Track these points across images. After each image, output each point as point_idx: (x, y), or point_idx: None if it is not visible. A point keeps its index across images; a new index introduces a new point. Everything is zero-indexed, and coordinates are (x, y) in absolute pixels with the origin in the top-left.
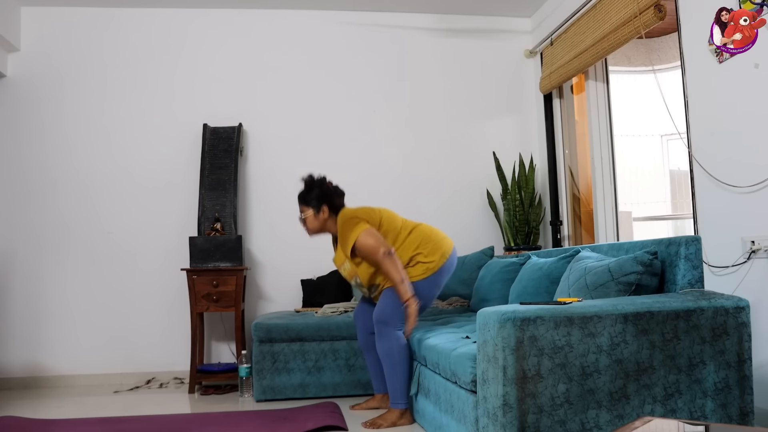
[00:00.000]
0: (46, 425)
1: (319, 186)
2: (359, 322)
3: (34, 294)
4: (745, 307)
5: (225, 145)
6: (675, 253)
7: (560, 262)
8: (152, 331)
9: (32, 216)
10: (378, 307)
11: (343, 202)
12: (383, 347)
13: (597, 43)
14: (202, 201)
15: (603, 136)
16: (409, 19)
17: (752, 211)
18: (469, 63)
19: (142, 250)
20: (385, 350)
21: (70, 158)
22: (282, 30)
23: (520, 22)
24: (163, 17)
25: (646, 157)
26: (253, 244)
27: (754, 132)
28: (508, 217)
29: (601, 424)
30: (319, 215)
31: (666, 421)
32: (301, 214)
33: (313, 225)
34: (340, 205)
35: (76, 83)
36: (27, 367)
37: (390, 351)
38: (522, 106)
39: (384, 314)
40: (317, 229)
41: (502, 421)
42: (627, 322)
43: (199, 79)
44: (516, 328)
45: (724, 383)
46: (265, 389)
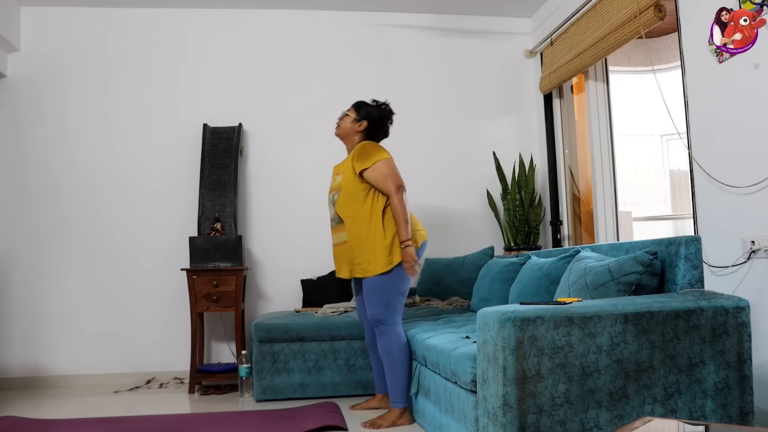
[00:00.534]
0: (46, 425)
1: (377, 109)
2: (365, 320)
3: (34, 294)
4: (745, 307)
5: (225, 145)
6: (675, 253)
7: (560, 262)
8: (152, 331)
9: (33, 216)
10: (369, 310)
11: (378, 138)
12: (383, 345)
13: (597, 43)
14: (202, 201)
15: (603, 136)
16: (409, 19)
17: (752, 211)
18: (469, 63)
19: (142, 249)
20: (386, 348)
21: (71, 158)
22: (282, 30)
23: (520, 22)
24: (164, 17)
25: (646, 157)
26: (253, 244)
27: (754, 132)
28: (508, 217)
29: (601, 424)
30: (355, 124)
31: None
32: (345, 111)
33: (345, 126)
34: (375, 135)
35: (77, 83)
36: (27, 367)
37: (390, 349)
38: (522, 106)
39: (378, 314)
40: (345, 131)
41: (502, 421)
42: (627, 322)
43: (199, 79)
44: (516, 328)
45: (724, 383)
46: (265, 389)
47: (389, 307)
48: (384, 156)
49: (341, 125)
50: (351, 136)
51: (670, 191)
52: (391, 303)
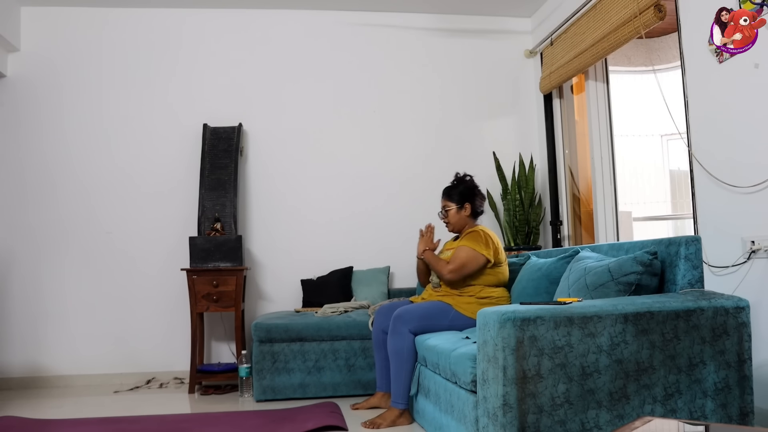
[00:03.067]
0: (46, 425)
1: (465, 184)
2: (380, 317)
3: (34, 294)
4: (745, 307)
5: (225, 145)
6: (675, 253)
7: (560, 263)
8: (152, 331)
9: (32, 216)
10: (410, 307)
11: (483, 207)
12: (394, 344)
13: (597, 43)
14: (202, 201)
15: (603, 136)
16: (409, 19)
17: (752, 211)
18: (469, 63)
19: (142, 250)
20: (397, 348)
21: (70, 158)
22: (282, 30)
23: (520, 22)
24: (164, 17)
25: (646, 157)
26: (253, 244)
27: (754, 132)
28: (508, 217)
29: (601, 424)
30: (461, 212)
31: (666, 421)
32: (443, 207)
33: (455, 219)
34: (480, 209)
35: (76, 83)
36: (27, 367)
37: (400, 350)
38: (522, 106)
39: (407, 314)
40: (458, 223)
41: (502, 421)
42: (627, 322)
43: (199, 79)
44: (516, 328)
45: (724, 383)
46: (265, 389)
47: (423, 321)
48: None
49: (451, 221)
50: (464, 224)
51: (670, 191)
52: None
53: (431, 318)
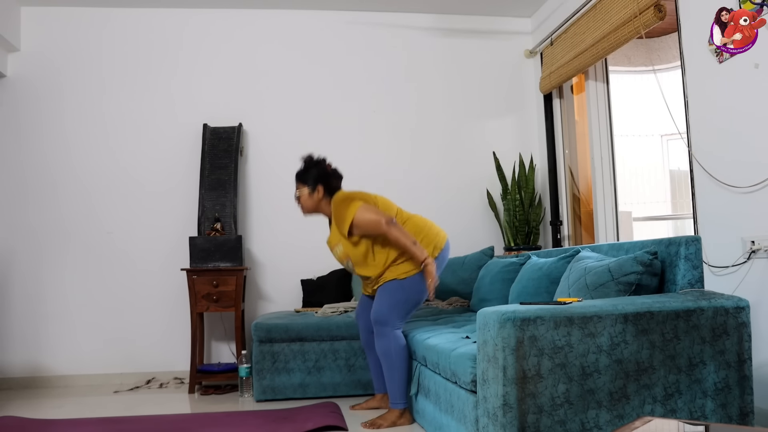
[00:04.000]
0: (46, 425)
1: (316, 166)
2: (360, 321)
3: (34, 294)
4: (745, 307)
5: (225, 145)
6: (675, 253)
7: (560, 262)
8: (152, 331)
9: (32, 216)
10: (375, 307)
11: (339, 185)
12: (381, 347)
13: (597, 43)
14: (202, 201)
15: (603, 136)
16: (409, 19)
17: (752, 211)
18: (469, 63)
19: (142, 250)
20: (384, 350)
21: (70, 158)
22: (282, 30)
23: (520, 22)
24: (164, 17)
25: (646, 157)
26: (253, 244)
27: (754, 132)
28: (508, 217)
29: (601, 424)
30: (313, 194)
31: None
32: (296, 191)
33: (307, 204)
34: (337, 188)
35: (76, 83)
36: (27, 367)
37: (388, 350)
38: (522, 106)
39: (381, 314)
40: (311, 208)
41: (502, 421)
42: (627, 322)
43: (199, 79)
44: (516, 328)
45: (724, 383)
46: (265, 389)
47: (394, 310)
48: (353, 209)
49: (303, 206)
50: (318, 207)
51: (670, 191)
52: (398, 307)
53: (398, 301)
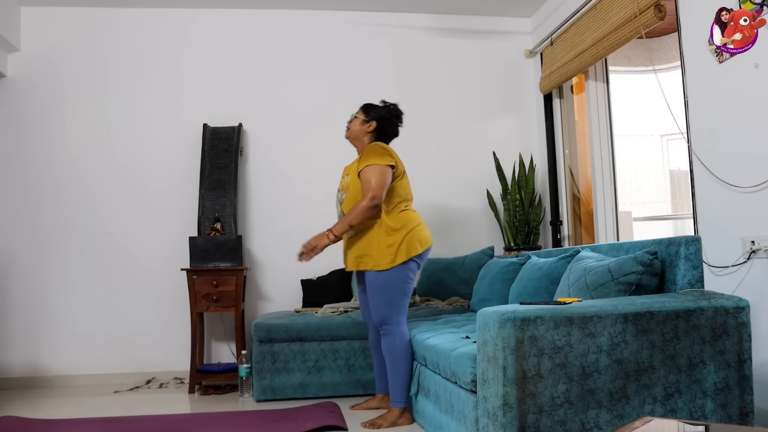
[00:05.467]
0: (46, 425)
1: (386, 110)
2: (369, 320)
3: (34, 294)
4: (745, 307)
5: (225, 145)
6: (675, 253)
7: (560, 262)
8: (152, 331)
9: (32, 216)
10: (373, 310)
11: (388, 138)
12: (387, 345)
13: (597, 43)
14: (202, 201)
15: (603, 136)
16: (409, 19)
17: (752, 211)
18: (469, 63)
19: (142, 249)
20: (388, 347)
21: (70, 158)
22: (282, 30)
23: (520, 22)
24: (164, 17)
25: (646, 157)
26: (253, 244)
27: (754, 132)
28: (508, 217)
29: (601, 424)
30: (365, 125)
31: (666, 421)
32: (353, 114)
33: (354, 128)
34: (386, 137)
35: (76, 83)
36: (27, 367)
37: (393, 348)
38: (522, 106)
39: (381, 314)
40: (356, 134)
41: (502, 421)
42: (627, 322)
43: (199, 79)
44: (516, 328)
45: (724, 383)
46: (265, 389)
47: (393, 306)
48: (380, 161)
49: (351, 128)
50: (361, 138)
51: (670, 191)
52: (395, 303)
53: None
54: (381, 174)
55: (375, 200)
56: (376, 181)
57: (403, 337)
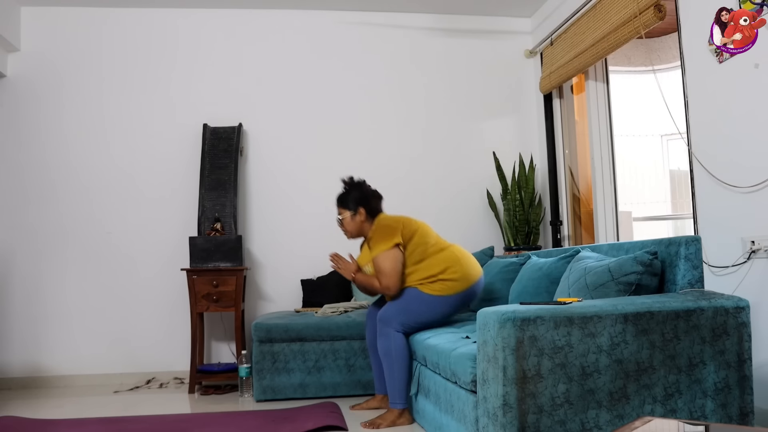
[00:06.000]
0: (46, 425)
1: (357, 188)
2: (369, 321)
3: (34, 294)
4: (745, 307)
5: (225, 145)
6: (675, 253)
7: (560, 262)
8: (152, 331)
9: (32, 216)
10: (385, 306)
11: (380, 206)
12: (382, 346)
13: (597, 43)
14: (202, 201)
15: (603, 136)
16: (409, 19)
17: (752, 211)
18: (469, 63)
19: (141, 250)
20: (384, 349)
21: (70, 158)
22: (282, 30)
23: (520, 22)
24: (164, 17)
25: (646, 157)
26: (253, 244)
27: (755, 132)
28: (508, 217)
29: (601, 424)
30: (356, 217)
31: (666, 421)
32: (338, 215)
33: (350, 227)
34: (378, 209)
35: (76, 83)
36: (27, 367)
37: (388, 350)
38: (522, 106)
39: (387, 313)
40: (355, 231)
41: (502, 421)
42: (627, 322)
43: (199, 79)
44: (516, 328)
45: (724, 383)
46: (265, 389)
47: (402, 315)
48: (384, 248)
49: (347, 229)
50: (361, 229)
51: (670, 191)
52: (406, 314)
53: (408, 310)
54: (392, 260)
55: (388, 291)
56: (388, 268)
57: (398, 340)
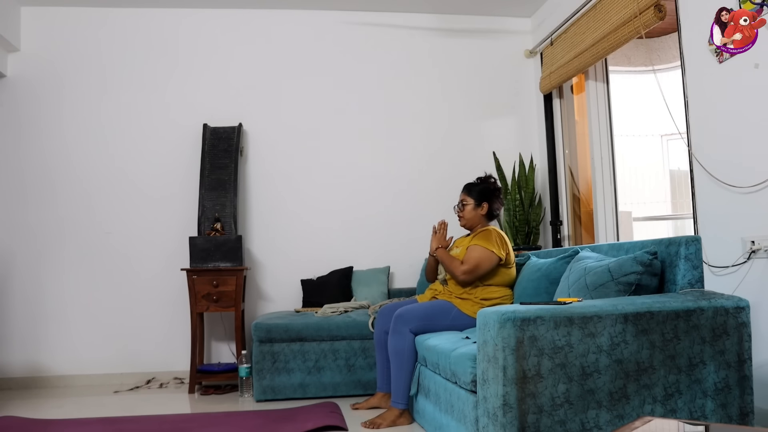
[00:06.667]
0: (46, 425)
1: (487, 184)
2: (380, 318)
3: (34, 294)
4: (745, 307)
5: (225, 145)
6: (675, 253)
7: (560, 263)
8: (152, 331)
9: (31, 216)
10: (408, 306)
11: (500, 212)
12: (394, 344)
13: (597, 43)
14: (202, 201)
15: (603, 136)
16: (409, 19)
17: (752, 211)
18: (469, 63)
19: (141, 250)
20: (396, 348)
21: (70, 158)
22: (282, 30)
23: (520, 22)
24: (164, 17)
25: (646, 157)
26: (253, 244)
27: (754, 132)
28: (508, 217)
29: (601, 424)
30: (477, 209)
31: (666, 421)
32: (461, 201)
33: (468, 215)
34: (496, 214)
35: (76, 83)
36: (27, 367)
37: (401, 350)
38: (522, 106)
39: (409, 314)
40: (470, 221)
41: (502, 421)
42: (627, 322)
43: (199, 79)
44: (516, 328)
45: (724, 383)
46: (265, 389)
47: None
48: (494, 249)
49: (465, 216)
50: (476, 222)
51: (670, 191)
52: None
53: (432, 317)
54: (487, 259)
55: (465, 277)
56: (478, 260)
57: (410, 340)
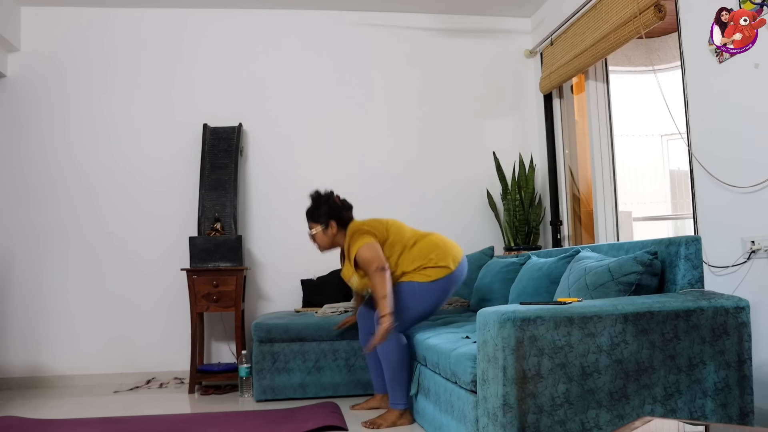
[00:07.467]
0: (46, 425)
1: (326, 201)
2: (361, 322)
3: (34, 294)
4: (745, 307)
5: (225, 145)
6: (675, 253)
7: (560, 262)
8: (152, 331)
9: (32, 216)
10: None
11: (351, 216)
12: (383, 348)
13: (597, 43)
14: (202, 201)
15: (603, 136)
16: (409, 19)
17: (752, 211)
18: (469, 63)
19: (142, 250)
20: (385, 350)
21: (70, 158)
22: (282, 30)
23: (520, 22)
24: (164, 17)
25: (646, 157)
26: (253, 244)
27: (754, 132)
28: (508, 217)
29: (601, 424)
30: (327, 231)
31: (666, 421)
32: (310, 230)
33: (322, 241)
34: (349, 219)
35: (76, 83)
36: (27, 367)
37: (389, 351)
38: (522, 106)
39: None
40: (327, 244)
41: (502, 421)
42: (627, 322)
43: (199, 79)
44: (516, 328)
45: (724, 383)
46: (265, 389)
47: (402, 314)
48: (359, 245)
49: (319, 243)
50: (334, 242)
51: (670, 191)
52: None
53: (406, 306)
54: (372, 249)
55: (380, 267)
56: (372, 255)
57: (399, 341)
